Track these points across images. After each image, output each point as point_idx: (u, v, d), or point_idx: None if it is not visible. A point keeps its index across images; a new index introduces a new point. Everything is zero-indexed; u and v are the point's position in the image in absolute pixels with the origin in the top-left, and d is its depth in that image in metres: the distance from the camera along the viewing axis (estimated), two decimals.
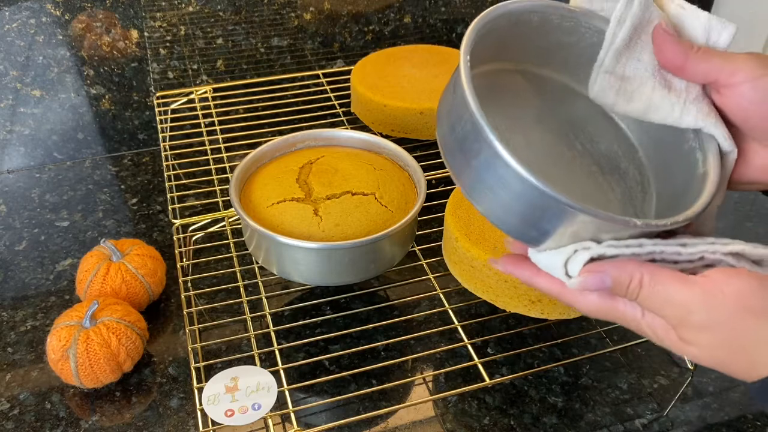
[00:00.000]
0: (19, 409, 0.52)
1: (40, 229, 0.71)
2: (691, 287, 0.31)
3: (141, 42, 0.78)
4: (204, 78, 0.83)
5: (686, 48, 0.35)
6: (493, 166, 0.32)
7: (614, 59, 0.36)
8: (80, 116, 0.80)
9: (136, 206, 0.74)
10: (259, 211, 0.54)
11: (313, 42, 0.85)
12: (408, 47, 0.82)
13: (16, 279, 0.64)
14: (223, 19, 0.80)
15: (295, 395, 0.52)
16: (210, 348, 0.55)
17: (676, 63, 0.35)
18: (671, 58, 0.36)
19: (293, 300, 0.61)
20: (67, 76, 0.77)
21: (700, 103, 0.36)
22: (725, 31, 0.36)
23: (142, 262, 0.57)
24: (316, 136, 0.63)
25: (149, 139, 0.84)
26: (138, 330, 0.53)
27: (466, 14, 0.89)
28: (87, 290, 0.56)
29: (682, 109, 0.36)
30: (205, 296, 0.61)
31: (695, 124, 0.35)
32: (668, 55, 0.36)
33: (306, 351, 0.56)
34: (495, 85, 0.40)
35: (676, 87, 0.36)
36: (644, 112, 0.36)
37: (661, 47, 0.36)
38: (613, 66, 0.36)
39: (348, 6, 0.84)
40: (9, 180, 0.78)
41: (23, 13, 0.71)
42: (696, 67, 0.35)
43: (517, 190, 0.31)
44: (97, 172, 0.80)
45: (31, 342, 0.58)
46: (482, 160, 0.32)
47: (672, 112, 0.36)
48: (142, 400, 0.53)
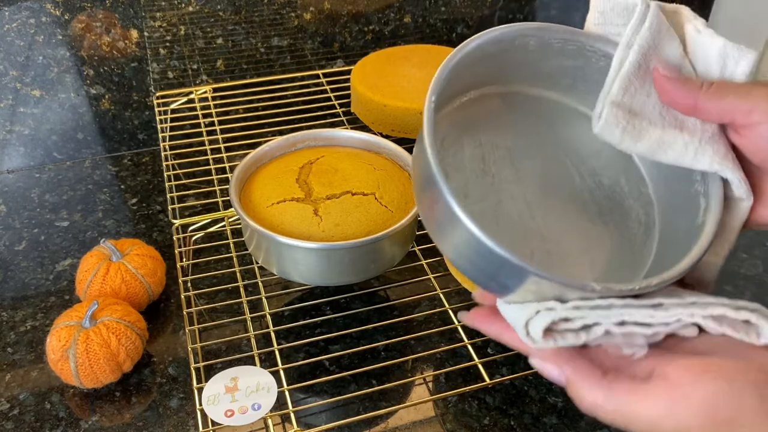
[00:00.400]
0: (18, 410, 0.52)
1: (40, 229, 0.71)
2: (654, 400, 0.28)
3: (141, 42, 0.78)
4: (204, 78, 0.83)
5: (694, 88, 0.32)
6: (448, 217, 0.30)
7: (622, 88, 0.33)
8: (80, 116, 0.80)
9: (136, 206, 0.74)
10: (259, 211, 0.54)
11: (313, 42, 0.85)
12: (408, 47, 0.82)
13: (16, 279, 0.64)
14: (223, 18, 0.80)
15: (295, 395, 0.52)
16: (210, 348, 0.55)
17: (686, 105, 0.32)
18: (679, 101, 0.32)
19: (293, 300, 0.61)
20: (66, 76, 0.76)
21: (716, 143, 0.32)
22: (743, 59, 0.32)
23: (142, 262, 0.57)
24: (316, 136, 0.63)
25: (149, 139, 0.84)
26: (138, 330, 0.53)
27: (466, 14, 0.89)
28: (87, 290, 0.56)
29: (697, 149, 0.32)
30: (205, 296, 0.61)
31: (710, 167, 0.32)
32: (675, 99, 0.33)
33: (306, 351, 0.56)
34: (490, 109, 0.38)
35: (690, 125, 0.33)
36: (654, 151, 0.33)
37: (666, 92, 0.33)
38: (620, 96, 0.33)
39: (348, 6, 0.84)
40: (9, 180, 0.78)
41: (23, 13, 0.71)
42: (708, 108, 0.32)
43: (471, 245, 0.30)
44: (96, 172, 0.80)
45: (31, 342, 0.58)
46: (439, 208, 0.31)
47: (685, 153, 0.32)
48: (142, 400, 0.53)
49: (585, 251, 0.35)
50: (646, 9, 0.33)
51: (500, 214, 0.35)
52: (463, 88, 0.37)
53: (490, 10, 0.90)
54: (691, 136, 0.32)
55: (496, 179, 0.35)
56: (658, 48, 0.33)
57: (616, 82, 0.33)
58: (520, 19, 0.91)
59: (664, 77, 0.32)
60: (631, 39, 0.33)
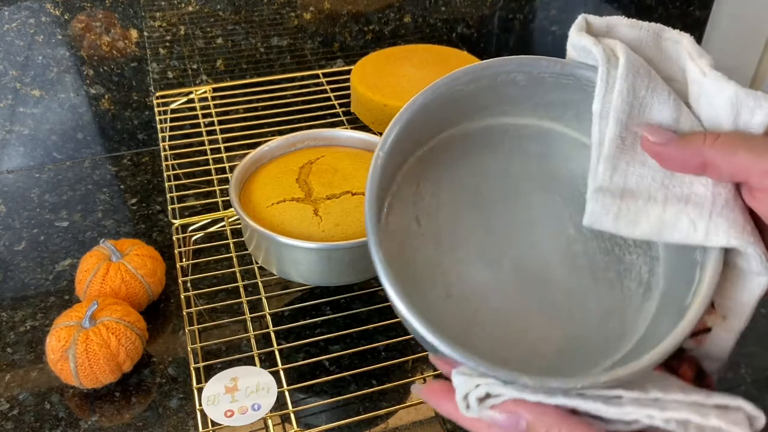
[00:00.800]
0: (18, 410, 0.52)
1: (40, 229, 0.70)
2: None
3: (140, 42, 0.77)
4: (204, 78, 0.83)
5: (697, 144, 0.27)
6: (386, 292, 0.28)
7: (608, 170, 0.28)
8: (80, 116, 0.79)
9: (136, 206, 0.74)
10: (259, 211, 0.54)
11: (312, 42, 0.85)
12: (408, 47, 0.82)
13: (16, 279, 0.64)
14: (223, 18, 0.80)
15: (295, 396, 0.52)
16: (210, 348, 0.55)
17: (693, 167, 0.27)
18: (683, 165, 0.27)
19: (293, 300, 0.61)
20: (66, 75, 0.76)
21: (732, 211, 0.27)
22: (760, 109, 0.26)
23: (142, 263, 0.57)
24: (316, 136, 0.63)
25: (149, 139, 0.84)
26: (137, 330, 0.53)
27: (466, 14, 0.89)
28: (86, 290, 0.56)
29: (708, 225, 0.27)
30: (205, 296, 0.61)
31: (727, 242, 0.27)
32: (678, 164, 0.28)
33: (306, 351, 0.55)
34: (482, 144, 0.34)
35: (698, 194, 0.28)
36: (658, 234, 0.28)
37: (664, 160, 0.28)
38: (607, 179, 0.28)
39: (348, 6, 0.84)
40: (8, 180, 0.78)
41: (23, 13, 0.71)
42: (718, 164, 0.26)
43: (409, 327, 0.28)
44: (96, 172, 0.80)
45: (31, 342, 0.57)
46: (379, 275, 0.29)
47: (694, 232, 0.28)
48: (142, 400, 0.53)
49: (555, 320, 0.31)
50: (610, 71, 0.28)
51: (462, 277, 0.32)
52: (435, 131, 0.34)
53: (490, 10, 0.90)
54: (699, 211, 0.28)
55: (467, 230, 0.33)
56: (642, 108, 0.28)
57: (600, 165, 0.28)
58: (520, 19, 0.91)
59: (656, 145, 0.27)
60: (603, 107, 0.28)
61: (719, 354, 0.30)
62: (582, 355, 0.30)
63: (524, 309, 0.31)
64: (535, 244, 0.33)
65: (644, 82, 0.28)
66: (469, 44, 0.92)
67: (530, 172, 0.34)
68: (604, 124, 0.28)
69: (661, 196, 0.28)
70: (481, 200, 0.34)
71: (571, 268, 0.32)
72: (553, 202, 0.33)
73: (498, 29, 0.92)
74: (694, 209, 0.28)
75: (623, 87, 0.28)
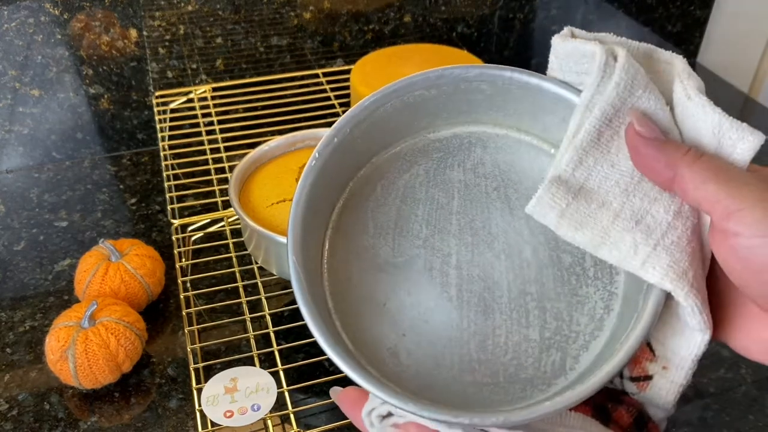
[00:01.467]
0: (17, 410, 0.52)
1: (39, 229, 0.70)
2: None
3: (140, 41, 0.77)
4: (203, 77, 0.83)
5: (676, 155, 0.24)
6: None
7: (573, 161, 0.26)
8: (79, 116, 0.79)
9: (135, 206, 0.74)
10: (259, 211, 0.54)
11: (312, 41, 0.85)
12: (408, 46, 0.82)
13: (15, 279, 0.64)
14: (223, 18, 0.80)
15: (295, 396, 0.52)
16: (209, 348, 0.55)
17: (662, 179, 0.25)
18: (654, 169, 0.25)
19: (293, 300, 0.61)
20: (65, 75, 0.76)
21: (682, 250, 0.25)
22: (742, 141, 0.24)
23: (141, 263, 0.57)
24: (315, 136, 0.63)
25: (148, 138, 0.84)
26: (137, 330, 0.53)
27: (467, 13, 0.89)
28: (86, 290, 0.56)
29: (649, 255, 0.25)
30: (204, 296, 0.60)
31: (660, 281, 0.24)
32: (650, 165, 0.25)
33: (306, 351, 0.55)
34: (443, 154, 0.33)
35: (655, 217, 0.25)
36: (596, 247, 0.26)
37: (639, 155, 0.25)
38: (569, 170, 0.26)
39: (348, 5, 0.83)
40: (8, 180, 0.78)
41: (22, 13, 0.71)
42: (686, 186, 0.24)
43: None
44: (95, 171, 0.80)
45: (30, 342, 0.57)
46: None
47: (632, 257, 0.25)
48: (141, 400, 0.52)
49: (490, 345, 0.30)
50: (608, 60, 0.26)
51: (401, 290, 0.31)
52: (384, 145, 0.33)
53: (490, 10, 0.89)
54: (646, 236, 0.25)
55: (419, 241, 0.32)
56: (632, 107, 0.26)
57: (566, 153, 0.26)
58: (520, 19, 0.91)
59: (640, 137, 0.25)
60: (592, 99, 0.26)
61: (662, 403, 0.28)
62: (515, 386, 0.29)
63: (460, 330, 0.30)
64: (486, 263, 0.31)
65: (642, 81, 0.26)
66: (469, 44, 0.92)
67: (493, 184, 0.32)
68: (586, 116, 0.26)
69: (617, 204, 0.26)
70: (436, 212, 0.33)
71: (519, 293, 0.30)
72: (514, 219, 0.32)
73: (498, 29, 0.92)
74: (642, 232, 0.25)
75: (622, 79, 0.25)
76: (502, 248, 0.31)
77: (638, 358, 0.28)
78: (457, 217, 0.32)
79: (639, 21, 0.95)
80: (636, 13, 0.95)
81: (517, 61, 0.95)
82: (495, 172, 0.32)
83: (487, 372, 0.29)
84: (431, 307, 0.31)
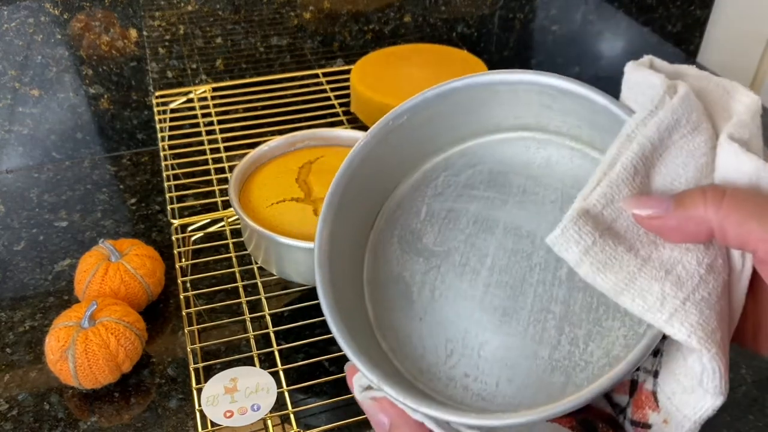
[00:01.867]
0: (17, 410, 0.52)
1: (39, 229, 0.70)
2: None
3: (140, 41, 0.77)
4: (203, 77, 0.83)
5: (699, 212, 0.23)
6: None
7: (605, 197, 0.24)
8: (79, 116, 0.79)
9: (135, 206, 0.74)
10: (259, 212, 0.54)
11: (312, 41, 0.85)
12: (408, 46, 0.82)
13: (15, 279, 0.64)
14: (222, 18, 0.80)
15: (295, 396, 0.52)
16: (209, 349, 0.55)
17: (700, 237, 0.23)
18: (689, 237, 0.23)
19: (293, 300, 0.61)
20: (65, 75, 0.76)
21: (712, 308, 0.23)
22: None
23: (141, 263, 0.57)
24: (315, 136, 0.63)
25: (148, 138, 0.84)
26: (137, 330, 0.53)
27: (466, 13, 0.89)
28: (86, 291, 0.56)
29: (677, 309, 0.23)
30: (204, 297, 0.60)
31: (687, 339, 0.22)
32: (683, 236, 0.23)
33: (305, 352, 0.55)
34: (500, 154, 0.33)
35: (687, 267, 0.23)
36: (618, 293, 0.24)
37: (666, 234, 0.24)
38: (600, 205, 0.24)
39: (348, 5, 0.83)
40: (7, 180, 0.78)
41: (22, 12, 0.71)
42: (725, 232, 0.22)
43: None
44: (95, 171, 0.80)
45: (30, 342, 0.57)
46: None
47: (658, 309, 0.23)
48: (141, 401, 0.52)
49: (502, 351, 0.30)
50: (664, 96, 0.24)
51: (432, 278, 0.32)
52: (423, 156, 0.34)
53: (490, 10, 0.89)
54: (676, 289, 0.23)
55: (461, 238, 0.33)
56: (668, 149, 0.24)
57: (599, 187, 0.24)
58: (520, 19, 0.91)
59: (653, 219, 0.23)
60: (635, 130, 0.24)
61: None
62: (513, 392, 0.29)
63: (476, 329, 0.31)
64: (519, 272, 0.31)
65: (686, 128, 0.24)
66: (469, 44, 0.92)
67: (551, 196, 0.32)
68: (625, 147, 0.24)
69: (645, 252, 0.24)
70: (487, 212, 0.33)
71: (542, 309, 0.30)
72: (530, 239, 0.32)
73: (498, 29, 0.92)
74: (673, 284, 0.23)
75: (665, 118, 0.24)
76: (538, 261, 0.31)
77: (642, 404, 0.28)
78: (505, 222, 0.32)
79: (639, 21, 0.95)
80: (636, 13, 0.95)
81: (517, 61, 0.95)
82: (557, 185, 0.32)
83: (485, 377, 0.30)
84: (454, 301, 0.31)
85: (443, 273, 0.32)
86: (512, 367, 0.29)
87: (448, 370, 0.30)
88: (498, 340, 0.30)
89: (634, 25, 0.95)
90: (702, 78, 0.26)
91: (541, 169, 0.32)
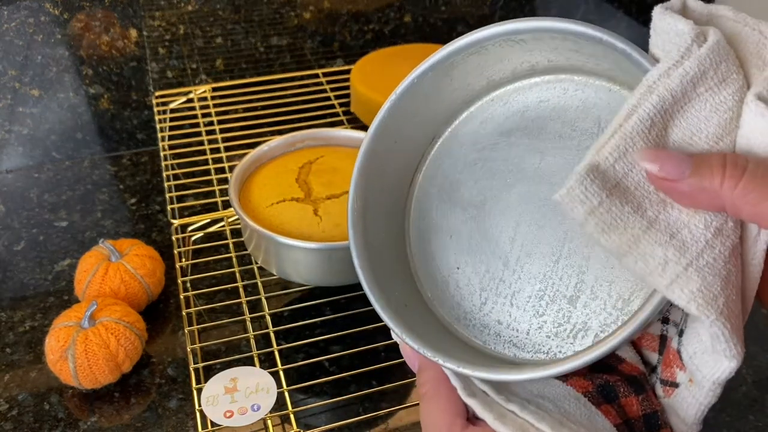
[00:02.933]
0: (17, 410, 0.52)
1: (39, 229, 0.70)
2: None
3: (140, 41, 0.77)
4: (203, 77, 0.83)
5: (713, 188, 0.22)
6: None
7: (618, 151, 0.23)
8: (79, 116, 0.79)
9: (135, 206, 0.74)
10: (259, 212, 0.54)
11: (312, 41, 0.85)
12: (408, 46, 0.82)
13: (15, 279, 0.64)
14: (222, 18, 0.80)
15: (295, 396, 0.52)
16: (209, 349, 0.55)
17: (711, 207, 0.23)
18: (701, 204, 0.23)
19: (293, 300, 0.61)
20: (65, 75, 0.76)
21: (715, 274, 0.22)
22: None
23: (141, 263, 0.57)
24: (315, 136, 0.63)
25: (148, 138, 0.84)
26: (137, 331, 0.53)
27: (467, 13, 0.89)
28: (86, 291, 0.56)
29: (678, 276, 0.22)
30: (204, 297, 0.60)
31: (686, 305, 0.22)
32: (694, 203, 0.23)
33: (306, 352, 0.55)
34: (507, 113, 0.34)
35: (693, 231, 0.23)
36: (622, 254, 0.23)
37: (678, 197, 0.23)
38: (610, 160, 0.23)
39: (348, 5, 0.83)
40: (7, 180, 0.78)
41: (22, 12, 0.71)
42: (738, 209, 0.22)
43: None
44: (95, 171, 0.80)
45: (30, 342, 0.57)
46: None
47: (659, 274, 0.23)
48: (141, 401, 0.52)
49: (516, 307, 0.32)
50: (692, 45, 0.23)
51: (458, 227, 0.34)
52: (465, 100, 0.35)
53: (490, 9, 0.89)
54: (679, 254, 0.23)
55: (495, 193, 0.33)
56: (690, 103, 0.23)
57: (612, 139, 0.23)
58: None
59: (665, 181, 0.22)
60: (656, 82, 0.23)
61: (685, 416, 0.27)
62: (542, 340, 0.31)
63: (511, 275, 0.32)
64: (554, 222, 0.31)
65: (714, 80, 0.23)
66: None
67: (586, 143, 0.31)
68: (645, 98, 0.23)
69: (653, 213, 0.23)
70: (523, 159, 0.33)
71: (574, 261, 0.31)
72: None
73: None
74: (676, 249, 0.23)
75: (690, 70, 0.22)
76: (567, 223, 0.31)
77: (670, 362, 0.28)
78: (541, 170, 0.32)
79: (639, 21, 0.95)
80: (636, 13, 0.95)
81: None
82: (593, 130, 0.31)
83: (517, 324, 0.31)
84: (489, 250, 0.33)
85: (479, 222, 0.33)
86: (542, 316, 0.31)
87: (482, 317, 0.32)
88: (530, 289, 0.31)
89: (634, 25, 0.95)
90: (738, 21, 0.24)
91: (578, 112, 0.31)
